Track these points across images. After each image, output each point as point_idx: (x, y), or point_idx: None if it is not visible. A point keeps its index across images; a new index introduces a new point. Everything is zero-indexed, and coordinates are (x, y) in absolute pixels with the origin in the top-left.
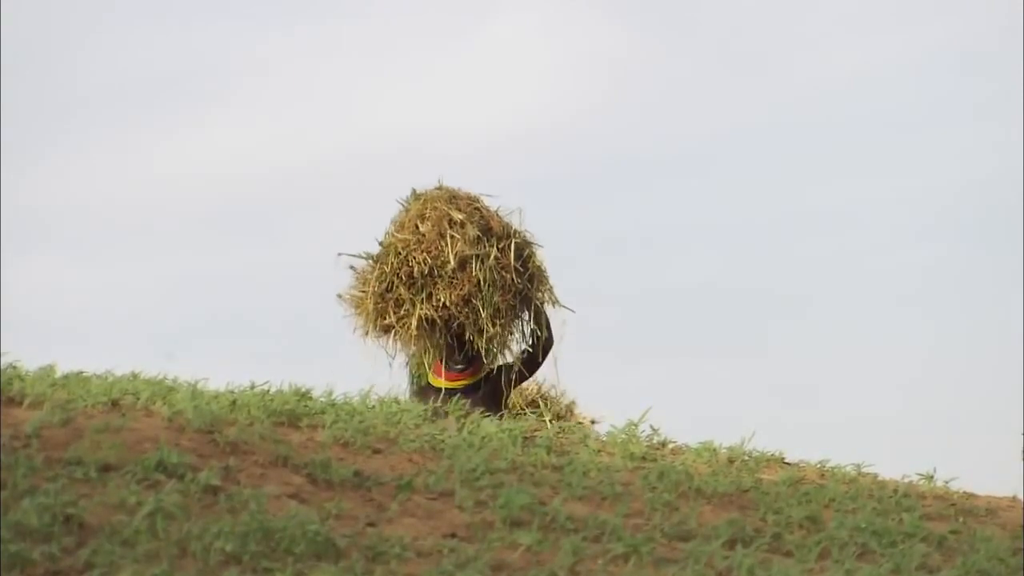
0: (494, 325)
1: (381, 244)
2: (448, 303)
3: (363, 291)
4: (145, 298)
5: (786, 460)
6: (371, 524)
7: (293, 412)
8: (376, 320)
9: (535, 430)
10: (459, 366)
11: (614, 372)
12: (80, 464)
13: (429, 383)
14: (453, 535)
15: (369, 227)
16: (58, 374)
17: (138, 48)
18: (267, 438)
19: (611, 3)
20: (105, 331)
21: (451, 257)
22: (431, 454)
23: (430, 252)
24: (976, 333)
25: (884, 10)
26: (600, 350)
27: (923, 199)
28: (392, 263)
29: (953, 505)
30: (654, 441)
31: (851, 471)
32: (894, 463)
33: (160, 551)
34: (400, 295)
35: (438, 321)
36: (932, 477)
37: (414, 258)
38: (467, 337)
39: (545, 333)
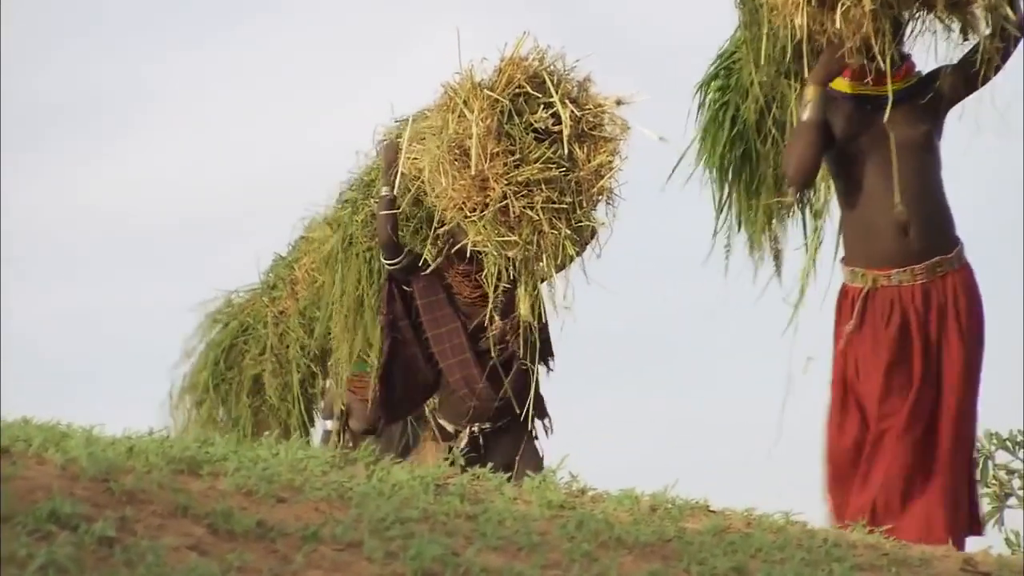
0: None
1: None
2: None
3: None
4: (40, 335)
5: (711, 508)
6: None
7: (193, 459)
8: None
9: (448, 477)
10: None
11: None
12: None
13: (819, 116)
14: None
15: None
16: None
17: (44, 74)
18: (166, 487)
19: (538, 24)
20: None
21: None
22: (338, 503)
23: None
24: None
25: None
26: None
27: None
28: None
29: (886, 555)
30: (573, 488)
31: (779, 519)
32: (824, 511)
33: None
34: None
35: None
36: (864, 525)
37: None
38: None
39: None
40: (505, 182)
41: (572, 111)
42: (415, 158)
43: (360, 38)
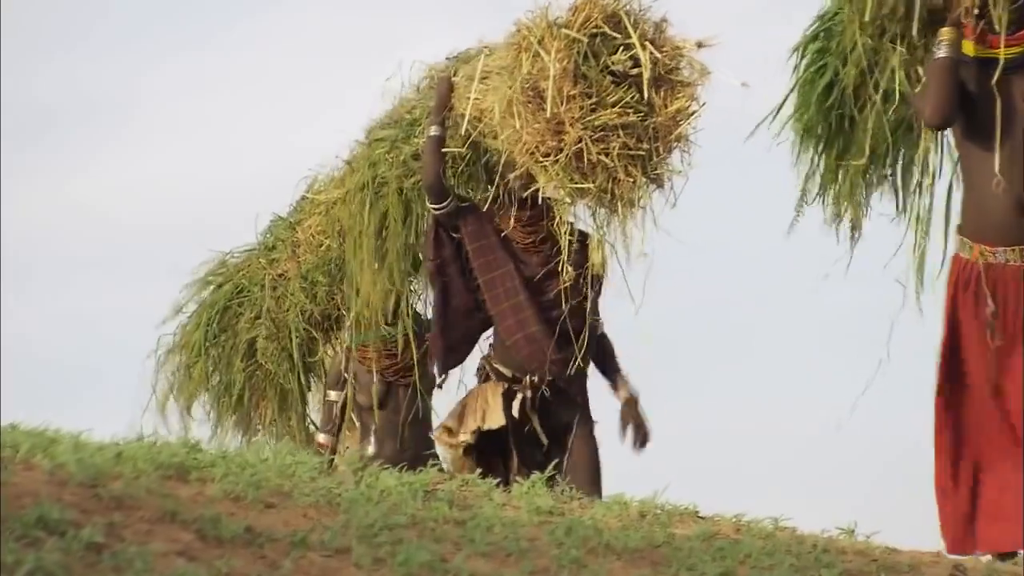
0: None
1: None
2: None
3: None
4: (35, 337)
5: (700, 514)
6: None
7: (182, 465)
8: None
9: (437, 483)
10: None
11: None
12: None
13: (956, 55)
14: None
15: None
16: None
17: (40, 77)
18: (154, 492)
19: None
20: None
21: None
22: (327, 509)
23: None
24: (899, 381)
25: None
26: None
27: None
28: None
29: (875, 561)
30: (562, 494)
31: (768, 525)
32: (813, 517)
33: None
34: None
35: None
36: (853, 531)
37: None
38: None
39: None
40: (581, 126)
41: (652, 53)
42: (477, 98)
43: (357, 39)
